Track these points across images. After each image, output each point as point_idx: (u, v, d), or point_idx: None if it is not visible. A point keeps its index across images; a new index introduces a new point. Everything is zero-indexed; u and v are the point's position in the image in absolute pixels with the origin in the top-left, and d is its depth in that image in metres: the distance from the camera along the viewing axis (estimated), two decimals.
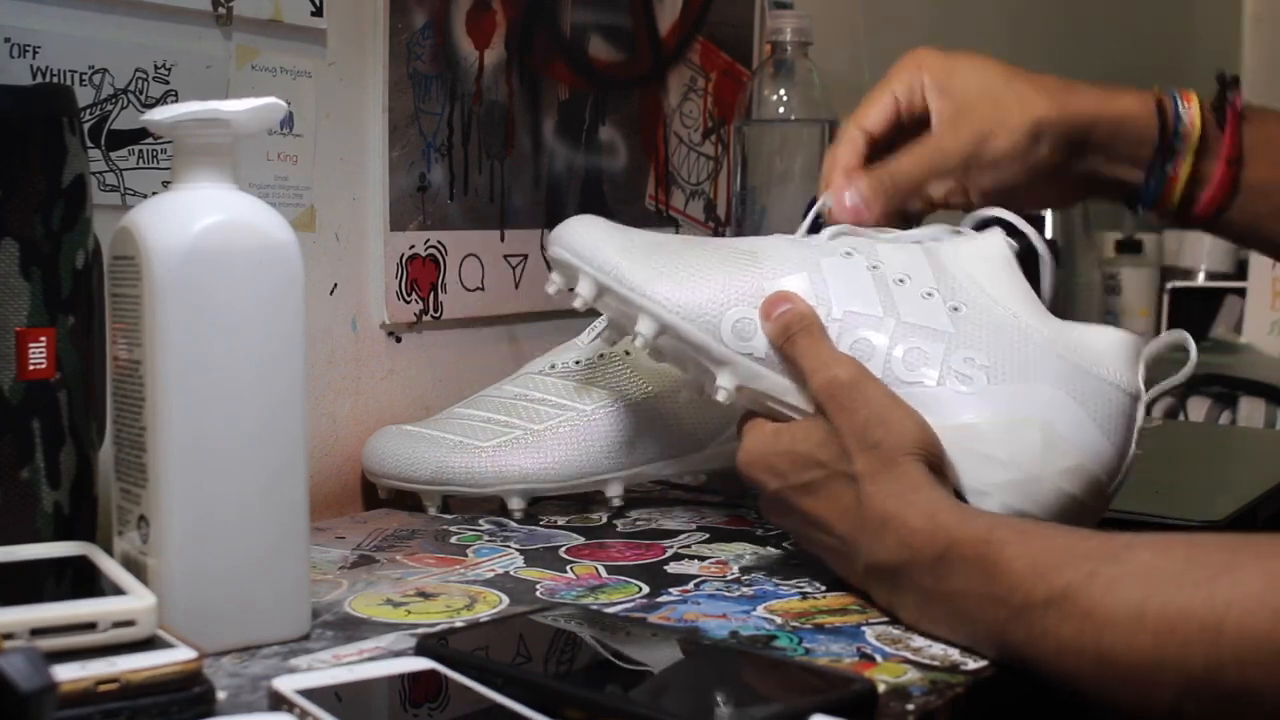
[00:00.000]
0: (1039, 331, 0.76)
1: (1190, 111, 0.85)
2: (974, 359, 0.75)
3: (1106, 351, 0.76)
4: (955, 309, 0.77)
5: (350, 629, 0.70)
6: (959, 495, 0.73)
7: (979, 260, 0.79)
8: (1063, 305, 1.00)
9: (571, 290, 0.84)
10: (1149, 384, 0.76)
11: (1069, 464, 0.74)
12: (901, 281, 0.78)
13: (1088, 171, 0.86)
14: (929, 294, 0.77)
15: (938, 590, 0.67)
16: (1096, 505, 0.76)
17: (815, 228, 0.85)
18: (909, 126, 0.87)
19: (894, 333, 0.77)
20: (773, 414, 0.78)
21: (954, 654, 0.66)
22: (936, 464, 0.72)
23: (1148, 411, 0.77)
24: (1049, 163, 0.84)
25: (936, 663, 0.65)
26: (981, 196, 0.84)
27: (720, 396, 0.79)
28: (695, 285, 0.79)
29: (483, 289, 1.11)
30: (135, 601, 0.59)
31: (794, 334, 0.76)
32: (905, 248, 0.80)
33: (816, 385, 0.75)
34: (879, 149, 0.87)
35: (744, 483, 0.79)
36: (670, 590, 0.77)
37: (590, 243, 0.82)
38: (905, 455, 0.71)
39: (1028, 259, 0.81)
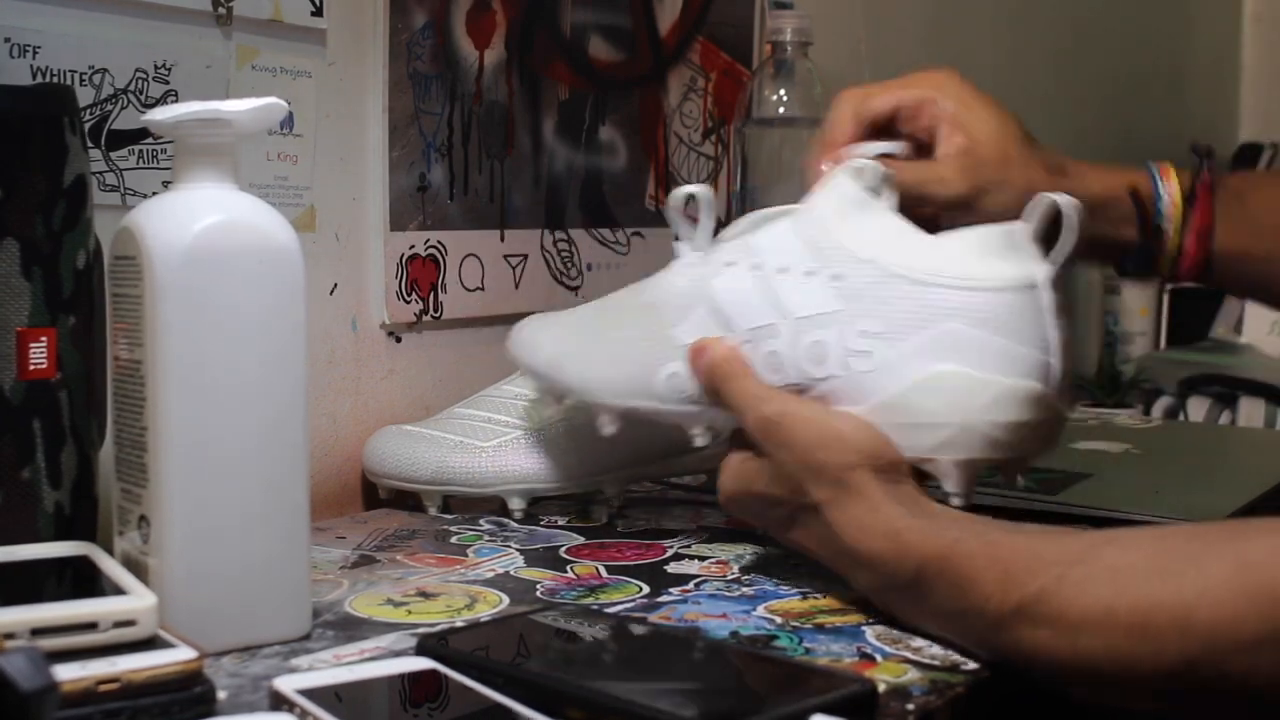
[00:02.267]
0: (913, 270, 0.75)
1: (1170, 190, 0.87)
2: (867, 329, 0.75)
3: (983, 255, 0.75)
4: (836, 278, 0.76)
5: (351, 629, 0.70)
6: (917, 475, 0.73)
7: (836, 213, 0.78)
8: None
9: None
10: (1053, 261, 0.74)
11: (988, 397, 0.73)
12: (783, 270, 0.78)
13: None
14: (810, 273, 0.77)
15: (919, 609, 0.68)
16: (1048, 414, 0.74)
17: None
18: (903, 132, 0.87)
19: (792, 334, 0.77)
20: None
21: (954, 654, 0.66)
22: (886, 465, 0.71)
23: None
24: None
25: (936, 663, 0.65)
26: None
27: (699, 443, 0.82)
28: (620, 361, 0.82)
29: (483, 289, 1.11)
30: (136, 601, 0.59)
31: (717, 382, 0.78)
32: (775, 228, 0.80)
33: (750, 426, 0.75)
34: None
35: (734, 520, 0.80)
36: (670, 590, 0.77)
37: (530, 353, 0.88)
38: (851, 471, 0.71)
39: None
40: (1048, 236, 0.75)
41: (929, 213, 0.84)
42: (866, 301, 0.76)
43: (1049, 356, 0.74)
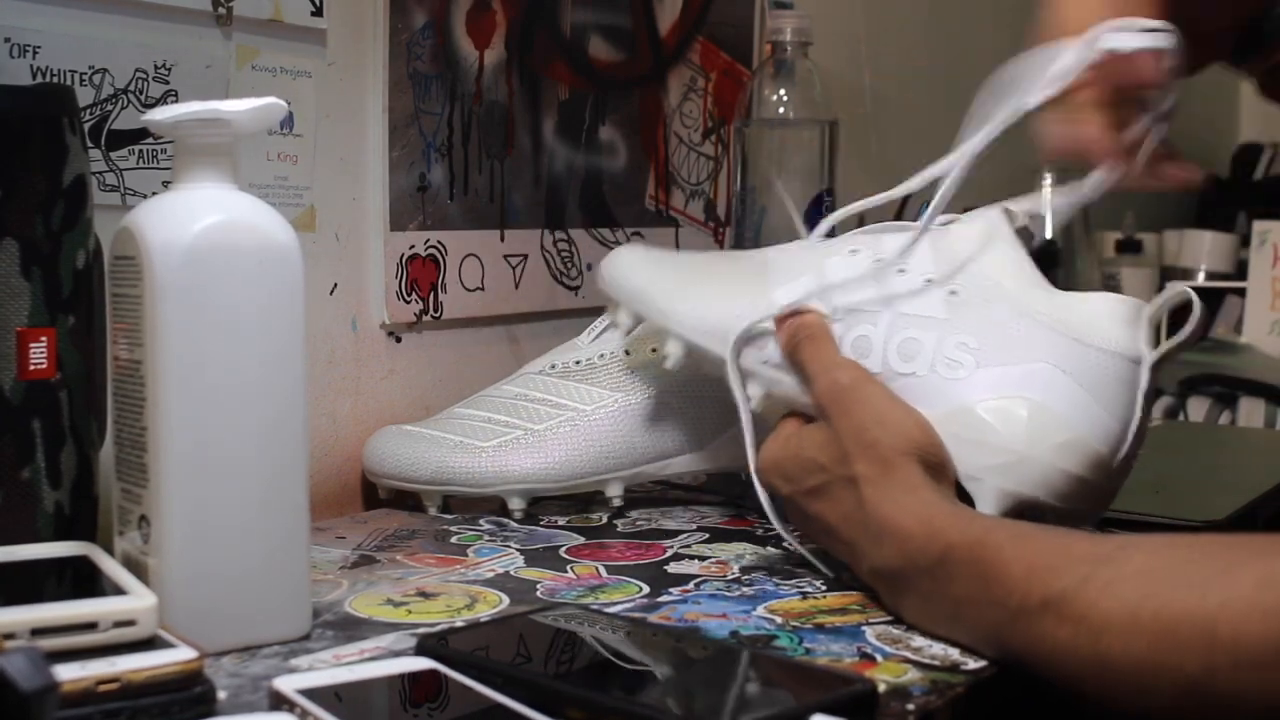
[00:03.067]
0: (1032, 307, 0.76)
1: None
2: (965, 343, 0.76)
3: (1101, 318, 0.75)
4: (953, 293, 0.78)
5: (350, 629, 0.70)
6: (960, 488, 0.74)
7: (978, 240, 0.79)
8: None
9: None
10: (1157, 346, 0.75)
11: (1060, 439, 0.73)
12: (903, 271, 0.79)
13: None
14: (928, 280, 0.78)
15: (937, 595, 0.67)
16: (1102, 481, 0.75)
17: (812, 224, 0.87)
18: None
19: (890, 325, 0.78)
20: (807, 415, 0.79)
21: (954, 654, 0.66)
22: (935, 462, 0.72)
23: (1158, 381, 0.75)
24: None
25: (936, 663, 0.65)
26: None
27: (754, 406, 0.82)
28: (711, 303, 0.83)
29: (483, 289, 1.11)
30: (136, 601, 0.59)
31: (799, 341, 0.78)
32: (908, 236, 0.81)
33: (818, 389, 0.76)
34: None
35: (764, 488, 0.79)
36: (670, 590, 0.77)
37: (623, 274, 0.88)
38: (901, 455, 0.71)
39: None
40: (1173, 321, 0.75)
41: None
42: (974, 318, 0.76)
43: (1126, 431, 0.75)
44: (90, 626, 0.57)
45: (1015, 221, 0.80)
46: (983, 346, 0.76)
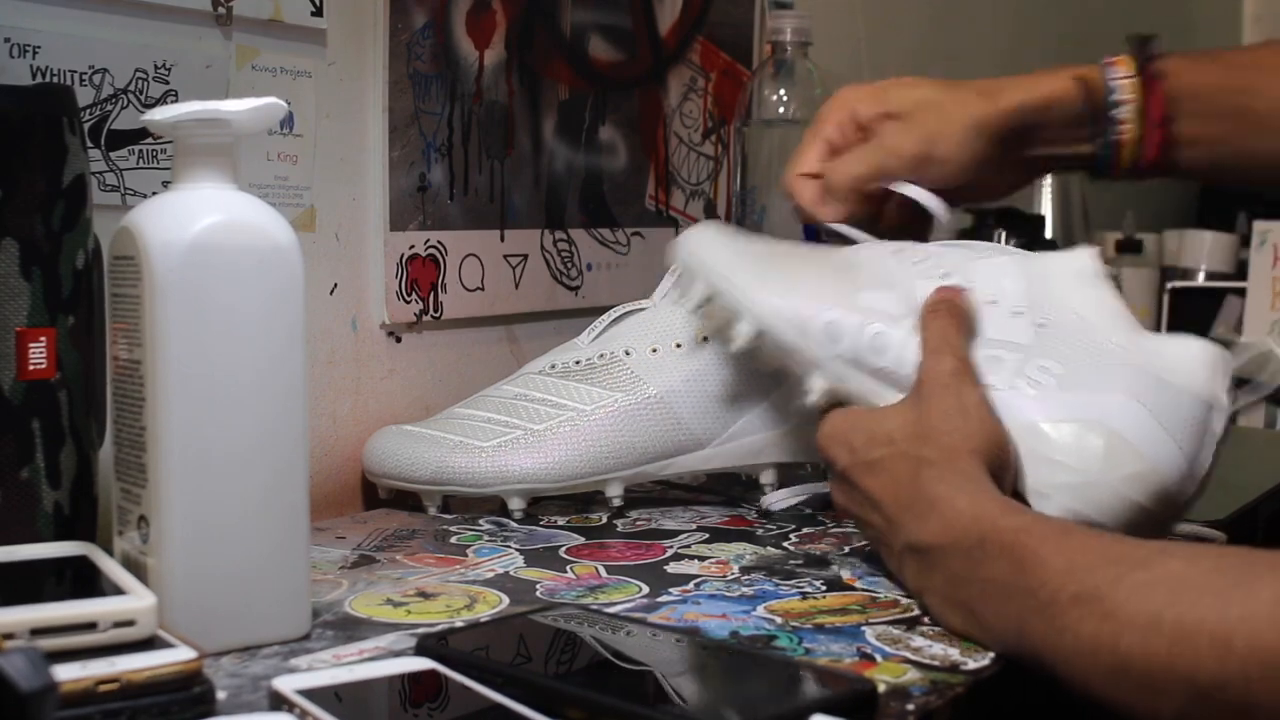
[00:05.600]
0: (1118, 343, 0.77)
1: (1122, 79, 0.90)
2: (1048, 367, 0.77)
3: (1184, 360, 0.76)
4: (1041, 325, 0.79)
5: (350, 629, 0.70)
6: (1020, 498, 0.75)
7: (1069, 276, 0.81)
8: None
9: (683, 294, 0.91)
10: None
11: (1132, 470, 0.74)
12: (994, 302, 0.80)
13: (1036, 154, 0.91)
14: (1018, 312, 0.80)
15: (968, 576, 0.68)
16: (1164, 513, 0.76)
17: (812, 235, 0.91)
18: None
19: (974, 345, 0.79)
20: None
21: (954, 654, 0.66)
22: (998, 462, 0.73)
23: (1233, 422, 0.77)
24: (994, 155, 0.89)
25: (936, 663, 0.65)
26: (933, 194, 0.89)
27: (810, 399, 0.83)
28: (793, 291, 0.84)
29: (483, 289, 1.11)
30: (135, 601, 0.59)
31: (939, 311, 0.79)
32: (1000, 266, 0.82)
33: (924, 366, 0.77)
34: None
35: (820, 459, 0.81)
36: (670, 590, 0.77)
37: (705, 249, 0.89)
38: (971, 452, 0.73)
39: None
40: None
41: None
42: (1057, 347, 0.78)
43: (1194, 470, 0.76)
44: (90, 626, 0.57)
45: (1106, 260, 0.82)
46: (1067, 372, 0.77)
